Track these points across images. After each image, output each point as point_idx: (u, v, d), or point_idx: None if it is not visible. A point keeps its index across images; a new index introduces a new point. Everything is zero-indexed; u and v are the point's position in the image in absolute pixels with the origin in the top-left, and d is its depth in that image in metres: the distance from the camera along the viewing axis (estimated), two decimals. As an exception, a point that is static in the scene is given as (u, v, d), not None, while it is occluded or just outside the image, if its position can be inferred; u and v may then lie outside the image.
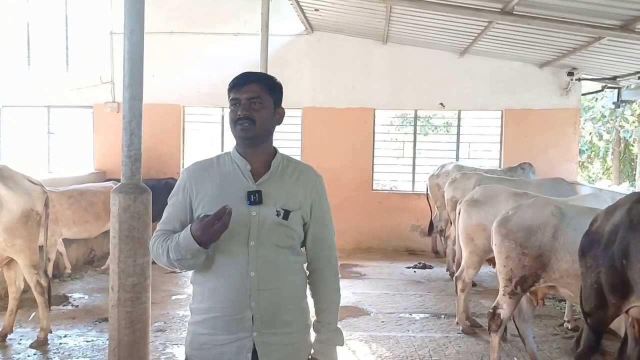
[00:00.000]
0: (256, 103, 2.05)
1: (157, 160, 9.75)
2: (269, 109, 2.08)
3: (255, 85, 2.06)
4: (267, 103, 2.08)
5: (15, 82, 10.33)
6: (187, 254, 1.95)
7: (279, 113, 2.14)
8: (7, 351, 4.86)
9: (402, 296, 6.89)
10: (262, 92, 2.07)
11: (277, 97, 2.13)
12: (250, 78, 2.09)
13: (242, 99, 2.04)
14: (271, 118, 2.10)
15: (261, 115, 2.05)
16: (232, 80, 2.10)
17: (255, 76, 2.13)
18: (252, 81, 2.07)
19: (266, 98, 2.07)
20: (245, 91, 2.05)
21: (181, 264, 2.01)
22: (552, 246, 3.87)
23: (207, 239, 1.90)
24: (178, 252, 1.97)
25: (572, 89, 9.55)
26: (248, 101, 2.04)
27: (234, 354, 2.01)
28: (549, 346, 5.16)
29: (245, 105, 2.04)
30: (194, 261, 1.98)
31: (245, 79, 2.08)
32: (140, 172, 3.18)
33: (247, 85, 2.06)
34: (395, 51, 9.89)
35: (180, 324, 5.68)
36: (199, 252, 1.94)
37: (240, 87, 2.06)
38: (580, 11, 6.14)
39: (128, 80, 3.06)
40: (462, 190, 6.98)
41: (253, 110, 2.04)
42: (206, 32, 10.03)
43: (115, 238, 3.04)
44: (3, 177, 4.78)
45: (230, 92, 2.09)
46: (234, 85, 2.08)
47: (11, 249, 4.77)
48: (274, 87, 2.12)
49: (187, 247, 1.93)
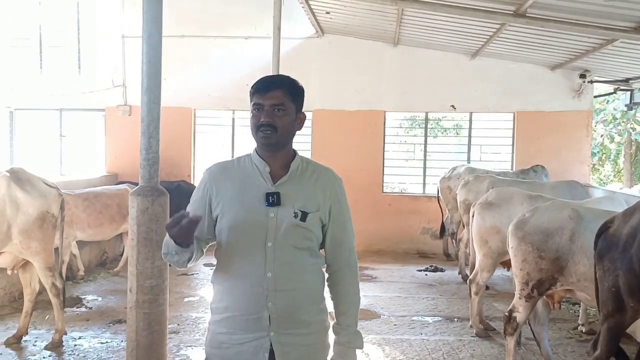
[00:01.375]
0: (279, 110, 2.04)
1: (168, 163, 9.77)
2: (291, 116, 2.08)
3: (279, 92, 2.05)
4: (290, 110, 2.08)
5: (28, 85, 10.42)
6: (171, 249, 2.01)
7: (300, 118, 2.14)
8: (22, 353, 4.89)
9: (414, 299, 6.88)
10: (286, 98, 2.06)
11: (299, 103, 2.13)
12: (275, 83, 2.09)
13: (265, 105, 2.04)
14: (293, 124, 2.11)
15: (283, 122, 2.05)
16: (255, 83, 2.09)
17: (280, 82, 2.11)
18: (276, 87, 2.06)
19: (289, 105, 2.07)
20: (269, 97, 2.04)
21: (167, 259, 2.08)
22: (570, 249, 3.85)
23: (174, 238, 1.94)
24: (166, 247, 2.04)
25: (585, 91, 9.51)
26: (271, 108, 2.04)
27: (252, 354, 2.03)
28: (563, 349, 5.13)
29: (269, 112, 2.03)
30: (178, 257, 2.03)
31: (270, 85, 2.07)
32: (158, 175, 3.20)
33: (271, 91, 2.05)
34: (406, 53, 9.88)
35: (193, 325, 5.69)
36: (180, 250, 1.99)
37: (265, 93, 2.05)
38: (594, 13, 6.11)
39: (146, 84, 3.08)
40: (475, 193, 6.96)
41: (276, 117, 2.04)
42: (217, 36, 10.08)
43: (134, 240, 3.06)
44: (19, 180, 4.82)
45: (253, 96, 2.08)
46: (258, 90, 2.07)
47: (27, 251, 4.81)
48: (297, 92, 2.12)
49: (169, 243, 2.00)
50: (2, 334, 5.28)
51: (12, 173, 4.84)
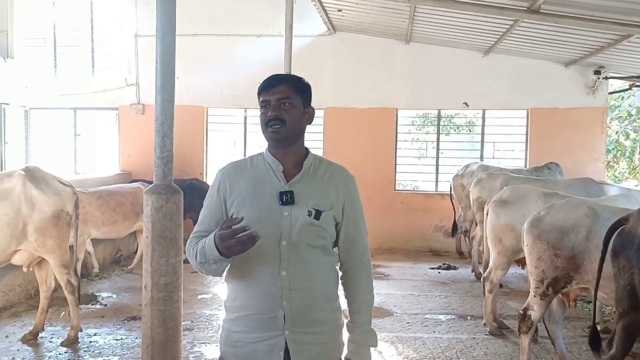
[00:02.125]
0: (286, 103, 2.06)
1: (181, 161, 9.83)
2: (298, 109, 2.10)
3: (283, 86, 2.08)
4: (297, 103, 2.09)
5: (43, 84, 10.53)
6: (210, 259, 1.96)
7: (308, 113, 2.15)
8: (38, 349, 4.95)
9: (427, 297, 6.86)
10: (291, 92, 2.08)
11: (306, 97, 2.14)
12: (279, 79, 2.12)
13: (271, 101, 2.06)
14: (301, 118, 2.12)
15: (291, 116, 2.07)
16: (261, 83, 2.12)
17: (283, 77, 2.15)
18: (280, 82, 2.09)
19: (295, 98, 2.09)
20: (275, 92, 2.07)
21: (204, 268, 2.02)
22: (586, 247, 3.81)
23: (224, 250, 1.88)
24: (202, 256, 1.98)
25: (599, 88, 9.41)
26: (277, 102, 2.06)
27: (267, 352, 2.03)
28: (578, 348, 5.09)
29: (275, 106, 2.06)
30: (216, 267, 2.00)
31: (274, 81, 2.10)
32: (172, 173, 3.21)
33: (275, 86, 2.08)
34: (418, 51, 9.84)
35: (206, 323, 5.72)
36: (220, 260, 1.95)
37: (270, 89, 2.08)
38: (609, 9, 6.05)
39: (160, 83, 3.08)
40: (488, 191, 6.91)
41: (283, 111, 2.06)
42: (229, 34, 10.11)
43: (148, 238, 3.07)
44: (35, 179, 4.87)
45: (259, 95, 2.11)
46: (263, 88, 2.10)
47: (42, 249, 4.86)
48: (302, 87, 2.14)
49: (210, 253, 1.94)
50: (18, 330, 5.35)
51: (28, 172, 4.90)
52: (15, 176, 4.76)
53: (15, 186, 4.70)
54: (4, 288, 6.12)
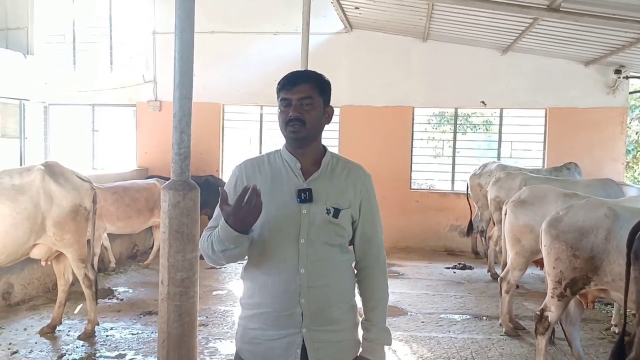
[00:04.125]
0: (307, 104, 2.03)
1: (197, 158, 9.86)
2: (319, 109, 2.07)
3: (306, 85, 2.05)
4: (318, 103, 2.06)
5: (62, 81, 10.66)
6: (230, 243, 1.93)
7: (327, 112, 2.13)
8: (56, 342, 5.01)
9: (442, 297, 6.82)
10: (313, 92, 2.05)
11: (326, 97, 2.12)
12: (301, 78, 2.08)
13: (293, 100, 2.03)
14: (321, 118, 2.09)
15: (311, 116, 2.04)
16: (282, 79, 2.09)
17: (306, 76, 2.11)
18: (303, 81, 2.06)
19: (317, 98, 2.06)
20: (297, 91, 2.03)
21: (226, 255, 1.99)
22: (605, 249, 3.75)
23: (240, 223, 1.88)
24: (221, 244, 1.95)
25: (619, 87, 9.28)
26: (299, 101, 2.03)
27: (284, 350, 2.02)
28: (595, 350, 5.03)
29: (297, 106, 2.03)
30: (239, 250, 1.96)
31: (296, 79, 2.07)
32: (189, 169, 3.23)
33: (298, 85, 2.04)
34: (435, 49, 9.78)
35: (221, 319, 5.75)
36: (240, 239, 1.92)
37: (292, 88, 2.04)
38: (630, 7, 5.96)
39: (178, 79, 3.10)
40: (506, 190, 6.83)
41: (304, 111, 2.03)
42: (246, 31, 10.14)
43: (165, 233, 3.09)
44: (54, 174, 4.92)
45: (280, 92, 2.07)
46: (284, 85, 2.06)
47: (60, 243, 4.91)
48: (324, 86, 2.11)
49: (227, 237, 1.91)
50: (36, 323, 5.42)
51: (47, 166, 4.95)
52: (34, 171, 4.82)
53: (34, 180, 4.76)
54: (23, 281, 6.20)
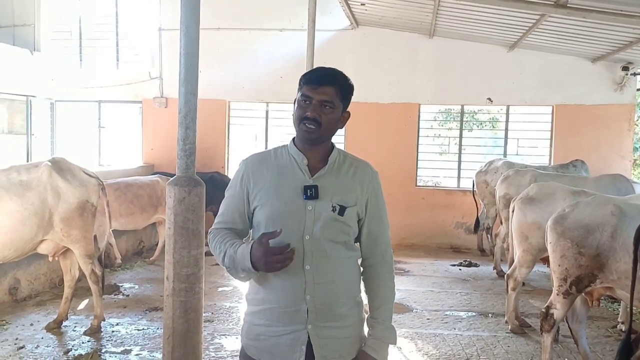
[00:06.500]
0: (327, 107, 2.01)
1: (203, 154, 9.90)
2: (337, 114, 2.05)
3: (331, 89, 2.02)
4: (338, 108, 2.05)
5: (68, 77, 10.69)
6: (240, 268, 1.97)
7: (344, 117, 2.12)
8: (62, 337, 5.04)
9: (448, 294, 6.81)
10: (336, 96, 2.03)
11: (347, 102, 2.10)
12: (328, 79, 2.04)
13: (314, 99, 2.00)
14: (337, 122, 2.08)
15: (329, 119, 2.02)
16: (307, 74, 2.07)
17: (334, 78, 2.05)
18: (329, 83, 2.02)
19: (338, 103, 2.04)
20: (320, 92, 2.00)
21: (230, 273, 2.04)
22: (611, 246, 3.72)
23: (263, 267, 1.90)
24: (231, 262, 1.99)
25: (627, 84, 9.23)
26: (320, 103, 2.00)
27: (289, 346, 2.02)
28: (601, 348, 5.01)
29: (316, 107, 2.00)
30: (244, 275, 2.01)
31: (323, 79, 2.03)
32: (195, 165, 3.23)
33: (323, 86, 2.01)
34: (441, 45, 9.75)
35: (227, 315, 5.76)
36: (253, 274, 1.97)
37: (317, 87, 2.01)
38: (638, 3, 5.90)
39: (184, 76, 3.09)
40: (516, 187, 6.78)
41: (323, 114, 2.01)
42: (252, 28, 10.14)
43: (171, 229, 3.09)
44: (61, 170, 4.95)
45: (303, 85, 2.04)
46: (309, 81, 2.03)
47: (67, 239, 4.94)
48: (348, 91, 2.08)
49: (241, 263, 1.95)
50: (43, 318, 5.45)
51: (54, 163, 4.98)
52: (42, 167, 4.84)
53: (41, 176, 4.78)
54: (29, 277, 6.24)
